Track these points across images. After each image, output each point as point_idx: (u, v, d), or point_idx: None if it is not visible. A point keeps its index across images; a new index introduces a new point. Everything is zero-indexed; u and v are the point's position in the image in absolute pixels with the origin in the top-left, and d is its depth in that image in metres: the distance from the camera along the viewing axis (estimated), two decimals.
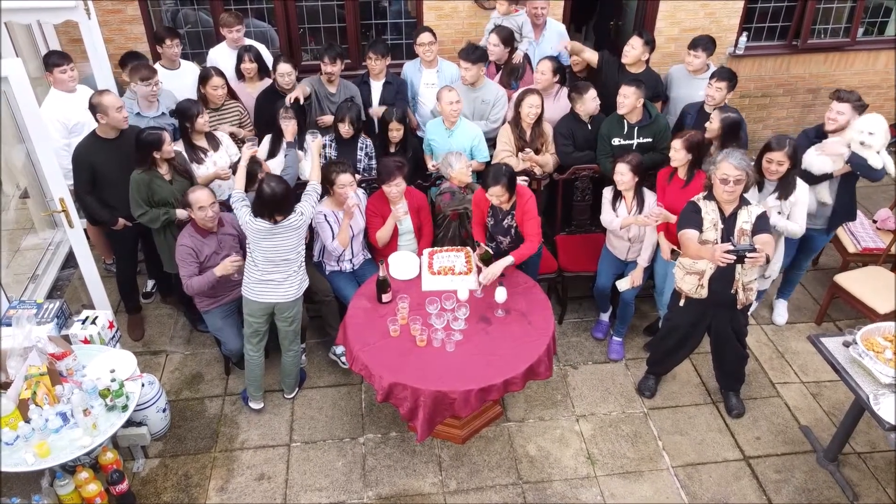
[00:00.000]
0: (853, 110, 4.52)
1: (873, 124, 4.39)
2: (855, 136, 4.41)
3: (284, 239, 4.02)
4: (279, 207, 3.94)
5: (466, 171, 4.60)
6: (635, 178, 4.40)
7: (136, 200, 4.42)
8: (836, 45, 7.05)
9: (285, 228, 4.01)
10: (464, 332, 3.97)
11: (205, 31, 6.32)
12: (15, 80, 3.90)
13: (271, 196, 3.89)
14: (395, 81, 5.45)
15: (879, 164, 4.42)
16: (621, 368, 4.87)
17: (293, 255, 4.10)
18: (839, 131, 4.55)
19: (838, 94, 4.59)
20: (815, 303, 5.45)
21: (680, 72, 5.56)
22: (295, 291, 4.15)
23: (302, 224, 4.08)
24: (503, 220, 4.45)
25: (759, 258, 3.50)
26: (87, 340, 4.25)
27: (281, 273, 4.08)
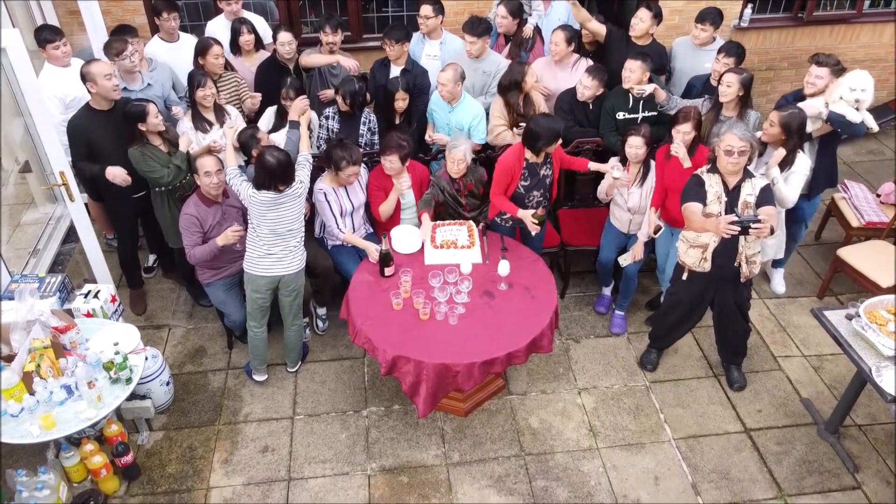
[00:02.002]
0: (831, 74, 4.53)
1: (864, 81, 4.40)
2: (846, 95, 4.40)
3: (289, 208, 4.02)
4: (283, 176, 3.94)
5: (454, 166, 4.45)
6: (647, 150, 4.37)
7: (147, 169, 4.40)
8: (842, 17, 6.96)
9: (289, 197, 4.01)
10: (467, 305, 3.97)
11: (203, 3, 6.23)
12: (13, 52, 3.86)
13: (275, 165, 3.89)
14: (413, 69, 5.21)
15: (858, 118, 4.43)
16: (623, 342, 4.88)
17: (297, 225, 4.11)
18: (818, 94, 4.56)
19: (817, 57, 4.60)
20: (818, 277, 5.45)
21: (684, 44, 5.50)
22: (298, 263, 4.16)
23: (303, 191, 4.10)
24: (539, 173, 4.42)
25: (763, 229, 3.49)
26: (89, 314, 4.24)
27: (284, 245, 4.08)
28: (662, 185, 4.41)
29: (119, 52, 4.68)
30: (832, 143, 4.68)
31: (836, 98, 4.44)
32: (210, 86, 4.65)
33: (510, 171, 4.36)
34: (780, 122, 4.18)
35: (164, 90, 5.03)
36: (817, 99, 4.54)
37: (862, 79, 4.40)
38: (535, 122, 4.25)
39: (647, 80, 4.75)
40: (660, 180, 4.43)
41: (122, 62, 4.69)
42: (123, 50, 4.69)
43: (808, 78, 4.60)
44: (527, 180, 4.41)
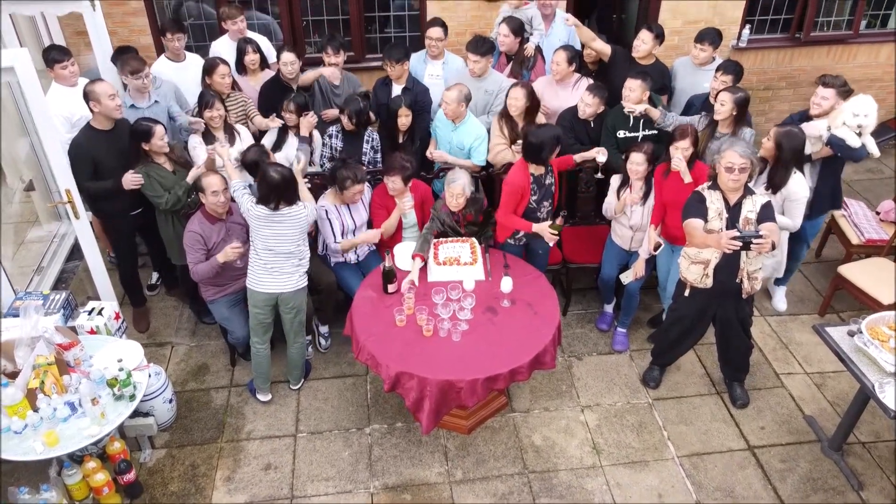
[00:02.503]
0: (837, 95, 4.57)
1: (867, 106, 4.44)
2: (849, 120, 4.44)
3: (285, 228, 4.03)
4: (282, 193, 3.96)
5: (453, 200, 4.40)
6: (649, 168, 4.41)
7: (151, 190, 4.45)
8: (839, 37, 7.05)
9: (285, 217, 4.02)
10: (470, 321, 3.98)
11: (208, 23, 6.32)
12: (22, 71, 3.90)
13: (275, 181, 3.92)
14: (414, 87, 5.28)
15: (857, 143, 4.46)
16: (626, 359, 4.89)
17: (293, 249, 4.09)
18: (823, 116, 4.59)
19: (823, 79, 4.63)
20: (819, 294, 5.46)
21: (684, 64, 5.57)
22: (296, 282, 4.16)
23: (303, 219, 4.08)
24: (545, 182, 4.46)
25: (765, 244, 3.52)
26: (93, 331, 4.26)
27: (282, 263, 4.09)
28: (661, 202, 4.45)
29: (135, 71, 4.74)
30: (836, 165, 4.71)
31: (839, 123, 4.48)
32: (218, 106, 4.71)
33: (520, 189, 4.38)
34: (776, 136, 4.23)
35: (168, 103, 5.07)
36: (820, 121, 4.57)
37: (865, 104, 4.44)
38: (532, 135, 4.29)
39: (646, 98, 4.81)
40: (659, 197, 4.46)
41: (135, 81, 4.74)
42: (140, 70, 4.76)
43: (815, 98, 4.64)
44: (536, 194, 4.45)
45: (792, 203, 4.34)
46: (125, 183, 4.39)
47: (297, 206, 4.05)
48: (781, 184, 4.30)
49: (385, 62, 5.21)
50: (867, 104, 4.44)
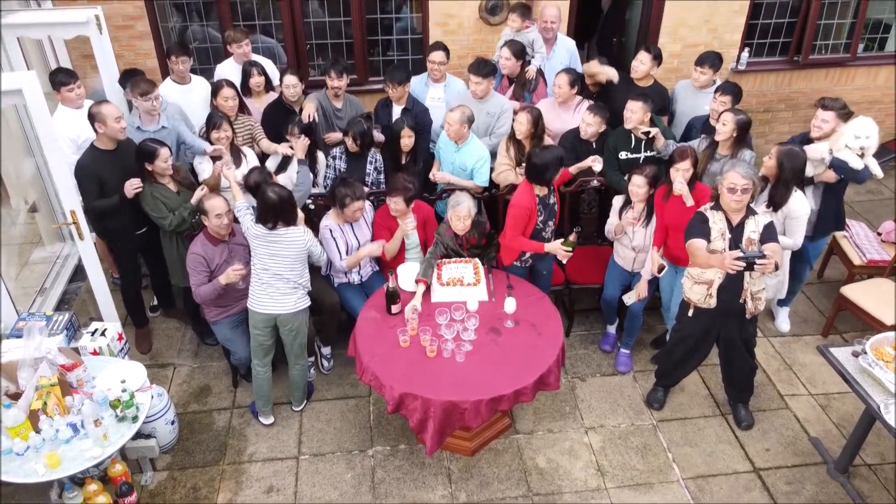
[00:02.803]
0: (837, 118, 4.61)
1: (869, 128, 4.48)
2: (851, 142, 4.47)
3: (282, 249, 4.05)
4: (279, 213, 4.00)
5: (459, 223, 4.42)
6: (650, 191, 4.43)
7: (155, 210, 4.48)
8: (837, 60, 7.12)
9: (282, 238, 4.04)
10: (473, 342, 3.98)
11: (213, 46, 6.39)
12: (29, 93, 3.94)
13: (273, 200, 3.97)
14: (413, 108, 5.35)
15: (860, 165, 4.49)
16: (629, 381, 4.87)
17: (289, 274, 4.09)
18: (824, 138, 4.62)
19: (823, 101, 4.67)
20: (822, 315, 5.46)
21: (685, 87, 5.63)
22: (294, 304, 4.15)
23: (301, 243, 4.09)
24: (549, 202, 4.49)
25: (768, 265, 3.53)
26: (96, 352, 4.25)
27: (281, 285, 4.10)
28: (663, 223, 4.46)
29: (145, 93, 4.77)
30: (838, 187, 4.73)
31: (841, 146, 4.51)
32: (226, 128, 4.75)
33: (528, 211, 4.40)
34: (777, 155, 4.26)
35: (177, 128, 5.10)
36: (821, 144, 4.60)
37: (867, 126, 4.47)
38: (536, 156, 4.33)
39: (648, 119, 4.85)
40: (660, 219, 4.48)
41: (144, 103, 4.79)
42: (150, 92, 4.80)
43: (815, 121, 4.68)
44: (542, 214, 4.47)
45: (793, 221, 4.36)
46: (127, 190, 4.42)
47: (295, 229, 4.08)
48: (782, 202, 4.32)
49: (387, 84, 5.28)
50: (869, 126, 4.47)
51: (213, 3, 6.11)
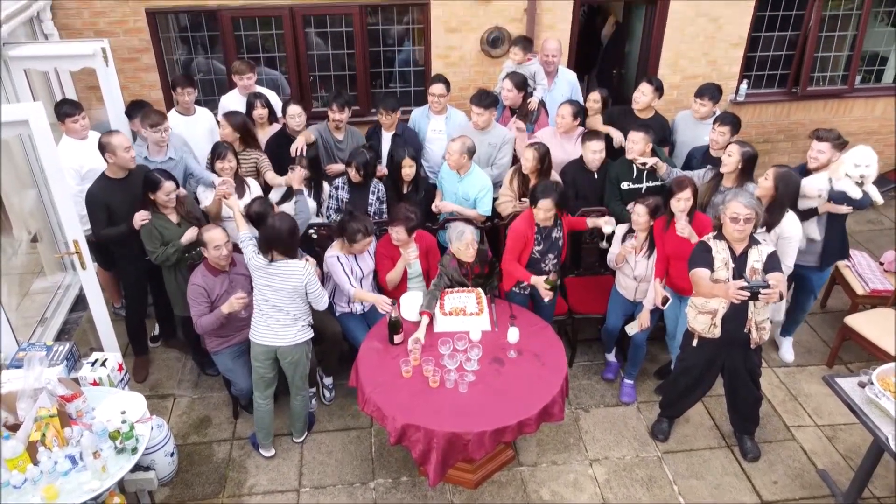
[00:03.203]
0: (833, 148, 4.64)
1: (867, 156, 4.51)
2: (851, 171, 4.50)
3: (279, 282, 4.02)
4: (278, 244, 3.98)
5: (466, 250, 4.42)
6: (651, 221, 4.44)
7: (148, 240, 4.49)
8: (835, 92, 7.19)
9: (279, 271, 4.01)
10: (476, 372, 3.95)
11: (217, 78, 6.46)
12: (35, 124, 3.97)
13: (272, 231, 3.96)
14: (403, 133, 5.48)
15: (858, 193, 4.52)
16: (633, 411, 4.83)
17: (289, 307, 4.06)
18: (822, 169, 4.65)
19: (817, 133, 4.72)
20: (826, 345, 5.43)
21: (685, 117, 5.68)
22: (293, 337, 4.12)
23: (298, 277, 4.01)
24: (551, 235, 4.48)
25: (773, 294, 3.51)
26: (96, 383, 4.20)
27: (280, 317, 4.08)
28: (664, 254, 4.47)
29: (155, 124, 4.83)
30: (840, 216, 4.74)
31: (841, 175, 4.54)
32: (230, 158, 4.78)
33: (523, 236, 4.43)
34: (774, 177, 4.28)
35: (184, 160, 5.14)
36: (819, 176, 4.62)
37: (866, 155, 4.51)
38: (537, 189, 4.36)
39: (649, 150, 4.88)
40: (661, 250, 4.48)
41: (154, 134, 4.83)
42: (160, 124, 4.85)
43: (811, 153, 4.71)
44: (540, 244, 4.47)
45: (784, 241, 4.37)
46: (135, 222, 4.47)
47: (295, 263, 4.04)
48: (775, 222, 4.34)
49: (381, 112, 5.39)
50: (868, 155, 4.51)
51: (218, 35, 6.19)
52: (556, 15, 6.37)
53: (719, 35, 6.68)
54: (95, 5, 5.81)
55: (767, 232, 4.34)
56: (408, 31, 6.56)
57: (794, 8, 6.74)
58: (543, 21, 6.37)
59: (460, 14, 6.27)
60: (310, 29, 6.31)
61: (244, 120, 5.12)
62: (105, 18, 5.87)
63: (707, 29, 6.63)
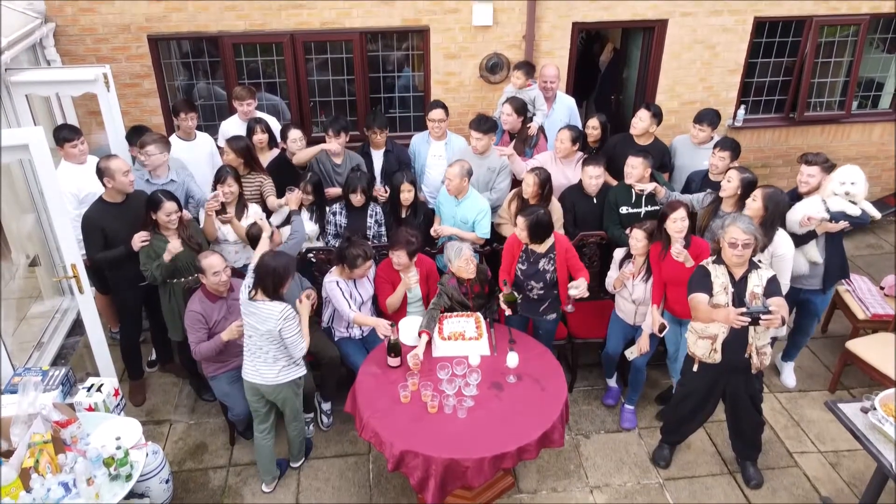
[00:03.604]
0: (822, 171, 4.67)
1: (853, 175, 4.54)
2: (836, 189, 4.53)
3: (256, 321, 3.85)
4: (262, 282, 3.80)
5: (466, 266, 4.46)
6: (648, 245, 4.43)
7: (144, 255, 4.51)
8: (832, 117, 7.23)
9: (258, 311, 3.83)
10: (475, 398, 3.91)
11: (218, 104, 6.50)
12: (35, 148, 3.98)
13: (261, 267, 3.82)
14: (394, 149, 5.62)
15: (857, 211, 4.55)
16: (634, 437, 4.77)
17: (268, 347, 3.89)
18: (813, 192, 4.68)
19: (806, 157, 4.74)
20: (827, 370, 5.39)
21: (683, 142, 5.70)
22: (274, 377, 3.97)
23: (272, 323, 3.80)
24: (538, 263, 4.45)
25: (773, 320, 3.49)
26: (91, 408, 4.17)
27: (260, 355, 3.95)
28: (661, 279, 4.47)
29: (143, 145, 4.89)
30: (837, 236, 4.75)
31: (829, 193, 4.57)
32: (231, 182, 4.78)
33: (511, 250, 4.51)
34: (763, 198, 4.29)
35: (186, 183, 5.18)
36: (813, 199, 4.64)
37: (851, 172, 4.54)
38: (523, 212, 4.38)
39: (648, 175, 4.90)
40: (657, 275, 4.47)
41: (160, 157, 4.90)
42: (169, 148, 4.93)
43: (800, 177, 4.74)
44: (524, 265, 4.48)
45: (778, 260, 4.36)
46: (134, 243, 4.48)
47: (272, 305, 3.81)
48: (768, 241, 4.33)
49: (374, 130, 5.50)
50: (853, 173, 4.54)
51: (220, 61, 6.24)
52: (555, 41, 6.44)
53: (716, 61, 6.74)
54: (98, 32, 5.87)
55: (761, 252, 4.33)
56: (407, 57, 6.62)
57: (790, 35, 6.81)
58: (542, 47, 6.44)
59: (459, 40, 6.33)
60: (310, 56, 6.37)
61: (246, 144, 5.15)
62: (107, 45, 5.92)
63: (704, 55, 6.69)
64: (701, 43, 6.63)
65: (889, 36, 7.14)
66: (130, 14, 5.85)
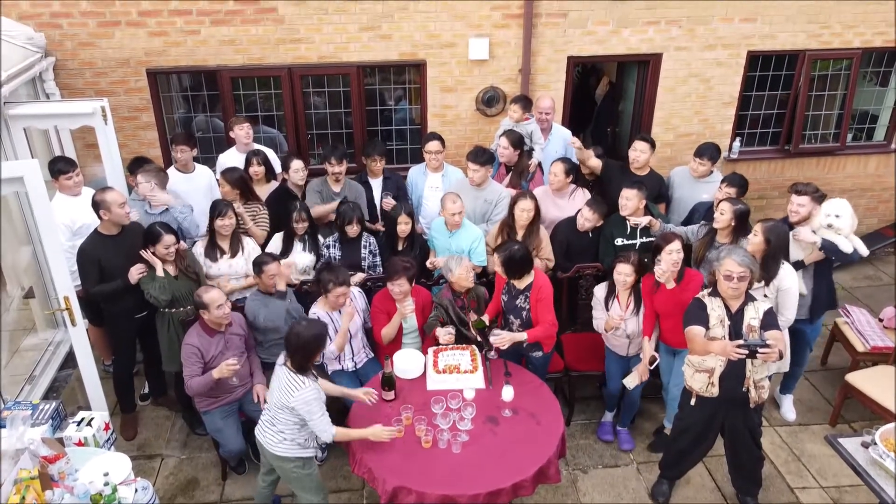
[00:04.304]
0: (812, 201, 4.67)
1: (839, 208, 4.56)
2: (822, 220, 4.54)
3: (276, 384, 3.73)
4: (294, 354, 3.66)
5: (467, 275, 4.53)
6: (636, 278, 4.43)
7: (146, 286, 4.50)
8: (827, 149, 7.27)
9: (282, 377, 3.68)
10: (470, 432, 3.87)
11: (216, 136, 6.54)
12: (30, 181, 3.99)
13: (294, 340, 3.63)
14: (392, 176, 5.67)
15: (849, 247, 4.54)
16: (633, 472, 4.70)
17: (275, 412, 3.73)
18: (803, 222, 4.68)
19: (796, 187, 4.75)
20: (828, 403, 5.33)
21: (682, 174, 5.73)
22: (272, 442, 3.77)
23: (287, 398, 3.61)
24: (517, 299, 4.44)
25: (771, 353, 3.46)
26: (81, 443, 4.10)
27: (267, 416, 3.83)
28: (653, 311, 4.46)
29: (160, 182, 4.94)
30: (826, 267, 4.76)
31: (817, 225, 4.59)
32: (230, 216, 4.77)
33: (500, 279, 4.52)
34: (763, 232, 4.28)
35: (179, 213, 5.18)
36: (806, 228, 4.65)
37: (837, 205, 4.57)
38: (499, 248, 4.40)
39: (643, 207, 4.91)
40: (649, 308, 4.47)
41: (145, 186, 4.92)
42: (166, 181, 4.96)
43: (791, 207, 4.75)
44: (506, 296, 4.50)
45: (784, 293, 4.34)
46: (131, 275, 4.47)
47: (296, 380, 3.61)
48: (773, 275, 4.32)
49: (373, 158, 5.55)
50: (839, 206, 4.57)
51: (218, 95, 6.30)
52: (551, 75, 6.50)
53: (711, 94, 6.80)
54: (97, 65, 5.93)
55: (766, 286, 4.31)
56: (405, 90, 6.67)
57: (784, 68, 6.87)
58: (538, 81, 6.50)
59: (456, 74, 6.39)
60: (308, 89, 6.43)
61: (241, 175, 5.17)
62: (106, 78, 5.98)
63: (699, 88, 6.75)
64: (696, 76, 6.69)
65: (882, 69, 7.21)
66: (130, 48, 5.91)
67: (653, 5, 6.32)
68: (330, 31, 6.09)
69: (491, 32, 6.25)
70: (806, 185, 4.75)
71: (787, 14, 6.51)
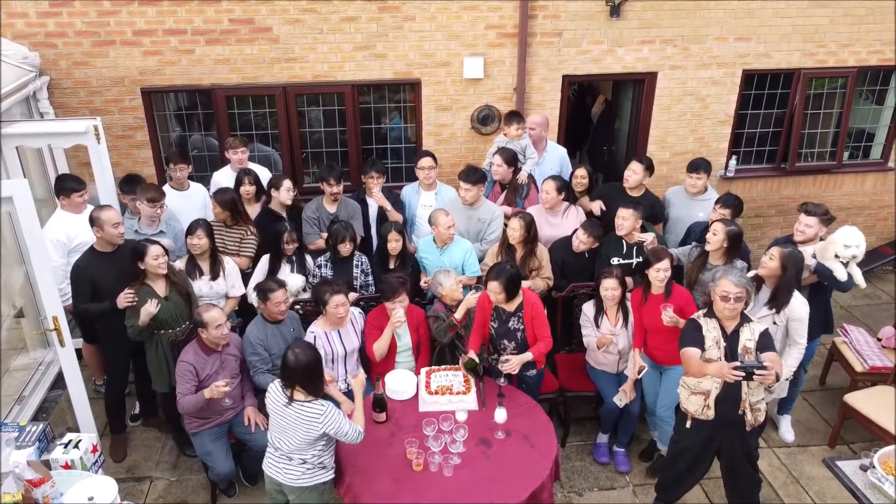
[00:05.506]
0: (820, 223, 4.65)
1: (857, 238, 4.50)
2: (841, 252, 4.49)
3: (290, 424, 3.52)
4: (299, 381, 3.49)
5: (457, 287, 4.56)
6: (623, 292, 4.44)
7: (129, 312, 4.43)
8: (824, 167, 7.26)
9: (299, 414, 3.48)
10: (462, 455, 3.80)
11: (210, 154, 6.53)
12: (20, 201, 3.97)
13: (291, 364, 3.47)
14: (390, 194, 5.64)
15: (844, 275, 4.49)
16: (629, 495, 4.63)
17: (293, 454, 3.56)
18: (808, 242, 4.65)
19: (805, 207, 4.73)
20: (827, 424, 5.27)
21: (677, 193, 5.71)
22: (297, 478, 3.59)
23: (315, 419, 3.46)
24: (509, 322, 4.39)
25: (768, 376, 3.40)
26: (67, 466, 4.04)
27: (282, 452, 3.62)
28: (641, 326, 4.46)
29: (153, 200, 4.93)
30: (824, 289, 4.72)
31: (831, 255, 4.52)
32: (201, 235, 4.71)
33: (482, 307, 4.43)
34: (780, 257, 4.23)
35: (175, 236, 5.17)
36: (806, 250, 4.62)
37: (855, 236, 4.51)
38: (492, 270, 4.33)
39: (639, 227, 4.89)
40: (638, 321, 4.47)
41: (150, 209, 4.92)
42: (158, 200, 4.95)
43: (798, 226, 4.71)
44: (496, 322, 4.43)
45: (795, 322, 4.28)
46: (119, 301, 4.40)
47: (313, 406, 3.49)
48: (785, 303, 4.26)
49: (370, 175, 5.49)
50: (857, 235, 4.50)
51: (213, 113, 6.30)
52: (545, 94, 6.51)
53: (706, 113, 6.80)
54: (92, 84, 5.93)
55: (777, 313, 4.26)
56: (399, 109, 6.67)
57: (780, 87, 6.88)
58: (533, 99, 6.50)
59: (451, 93, 6.40)
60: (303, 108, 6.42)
61: (232, 197, 5.14)
62: (101, 97, 5.98)
63: (694, 107, 6.76)
64: (691, 95, 6.70)
65: (878, 88, 7.22)
66: (125, 67, 5.92)
67: (647, 24, 6.34)
68: (325, 51, 6.10)
69: (486, 51, 6.26)
70: (816, 205, 4.71)
71: (782, 33, 6.53)
